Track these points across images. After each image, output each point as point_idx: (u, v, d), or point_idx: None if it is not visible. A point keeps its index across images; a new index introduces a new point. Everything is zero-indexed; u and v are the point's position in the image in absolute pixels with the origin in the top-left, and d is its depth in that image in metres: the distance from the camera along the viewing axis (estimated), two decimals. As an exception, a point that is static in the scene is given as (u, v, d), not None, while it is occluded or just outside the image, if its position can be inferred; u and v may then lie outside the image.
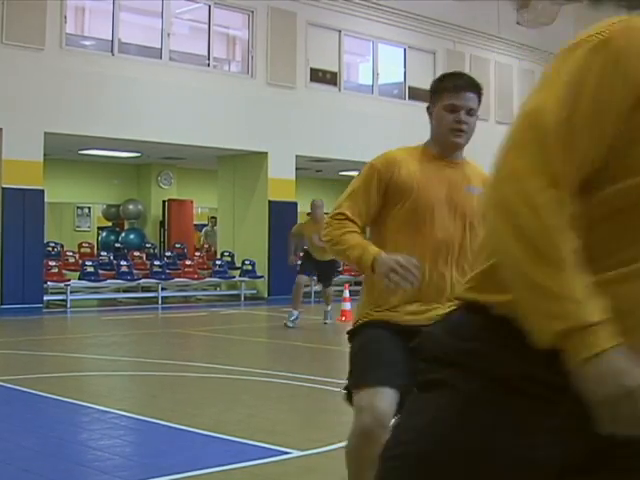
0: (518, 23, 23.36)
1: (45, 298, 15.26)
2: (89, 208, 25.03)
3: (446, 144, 3.20)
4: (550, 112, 1.36)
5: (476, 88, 3.22)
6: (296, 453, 4.69)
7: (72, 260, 17.30)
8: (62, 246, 18.21)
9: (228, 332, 12.13)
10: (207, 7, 17.40)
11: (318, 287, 14.53)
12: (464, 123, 3.15)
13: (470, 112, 3.17)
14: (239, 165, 18.57)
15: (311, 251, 12.23)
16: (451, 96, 3.15)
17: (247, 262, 18.14)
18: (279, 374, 7.13)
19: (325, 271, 12.46)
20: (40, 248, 15.14)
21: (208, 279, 18.43)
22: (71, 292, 15.96)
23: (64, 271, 16.38)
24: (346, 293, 13.73)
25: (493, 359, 1.42)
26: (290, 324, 11.94)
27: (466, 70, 21.98)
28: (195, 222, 23.38)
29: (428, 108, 3.28)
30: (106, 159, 20.23)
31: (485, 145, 18.41)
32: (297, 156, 18.36)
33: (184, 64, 17.05)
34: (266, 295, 17.87)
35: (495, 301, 1.44)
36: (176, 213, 21.77)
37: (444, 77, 3.28)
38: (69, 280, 16.11)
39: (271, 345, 10.81)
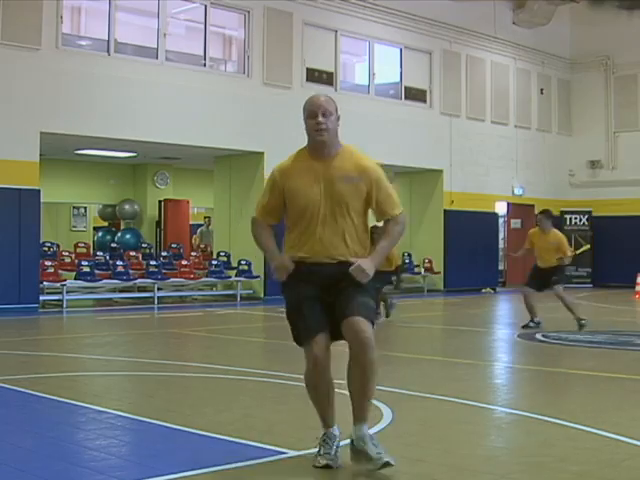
0: (514, 23, 23.41)
1: (41, 298, 15.26)
2: (85, 208, 25.03)
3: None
4: None
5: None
6: (292, 453, 4.69)
7: (68, 260, 17.29)
8: (58, 246, 18.20)
9: (224, 332, 12.13)
10: (203, 7, 17.40)
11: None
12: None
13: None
14: (235, 165, 18.56)
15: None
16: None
17: (243, 262, 18.13)
18: (275, 374, 7.13)
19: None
20: (36, 248, 15.12)
21: (204, 279, 18.42)
22: (67, 292, 15.95)
23: (60, 271, 16.37)
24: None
25: None
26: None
27: (462, 70, 22.03)
28: (191, 222, 23.39)
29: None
30: (102, 159, 20.23)
31: (482, 144, 18.51)
32: (293, 156, 18.35)
33: (180, 64, 17.04)
34: (262, 295, 17.87)
35: None
36: (172, 213, 21.77)
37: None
38: (65, 280, 16.10)
39: (267, 345, 10.79)
